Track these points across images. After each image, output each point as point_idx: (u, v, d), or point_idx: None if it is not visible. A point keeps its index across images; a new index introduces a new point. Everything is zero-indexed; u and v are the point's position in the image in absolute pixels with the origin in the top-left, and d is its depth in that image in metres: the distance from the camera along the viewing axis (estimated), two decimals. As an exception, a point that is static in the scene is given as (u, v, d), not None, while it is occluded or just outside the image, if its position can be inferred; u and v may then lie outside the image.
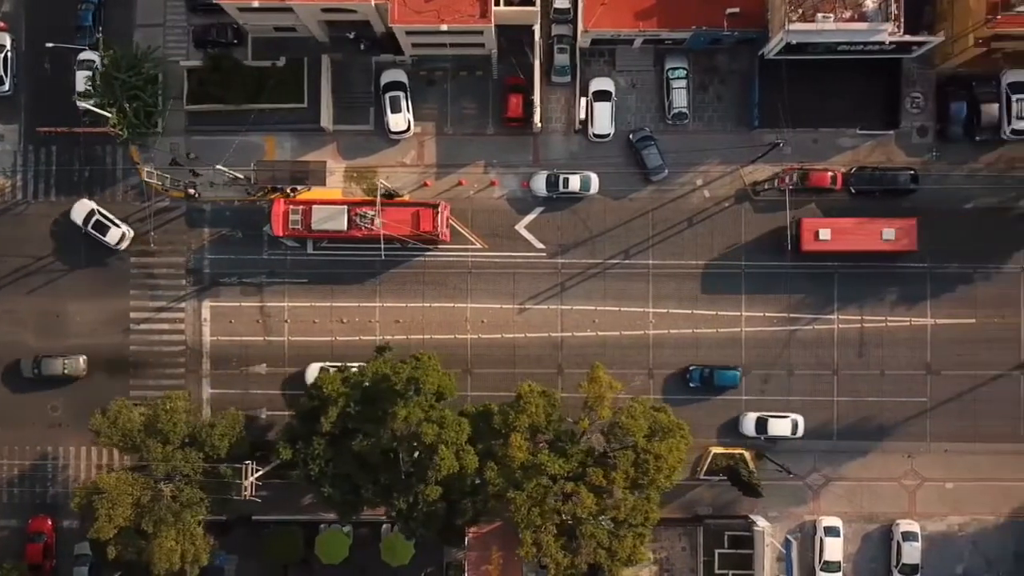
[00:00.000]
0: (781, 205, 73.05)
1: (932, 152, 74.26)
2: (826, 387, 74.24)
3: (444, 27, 65.49)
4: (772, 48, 68.84)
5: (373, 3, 65.87)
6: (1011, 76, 72.82)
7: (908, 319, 74.15)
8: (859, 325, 74.17)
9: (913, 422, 74.05)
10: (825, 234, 70.67)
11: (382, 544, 71.94)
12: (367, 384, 63.91)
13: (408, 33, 68.11)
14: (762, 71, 72.48)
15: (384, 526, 72.96)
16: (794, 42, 66.80)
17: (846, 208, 73.82)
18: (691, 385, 73.17)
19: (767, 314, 74.40)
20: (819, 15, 65.16)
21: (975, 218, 73.85)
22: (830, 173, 73.61)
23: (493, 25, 66.65)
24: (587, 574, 63.25)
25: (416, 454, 62.84)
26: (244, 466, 64.01)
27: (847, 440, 74.12)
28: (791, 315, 74.35)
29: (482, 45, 70.33)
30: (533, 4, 67.77)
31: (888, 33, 66.03)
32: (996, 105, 72.61)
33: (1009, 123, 72.45)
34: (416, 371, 62.03)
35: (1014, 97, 72.31)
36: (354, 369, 66.58)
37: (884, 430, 74.09)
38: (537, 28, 70.36)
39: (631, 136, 74.20)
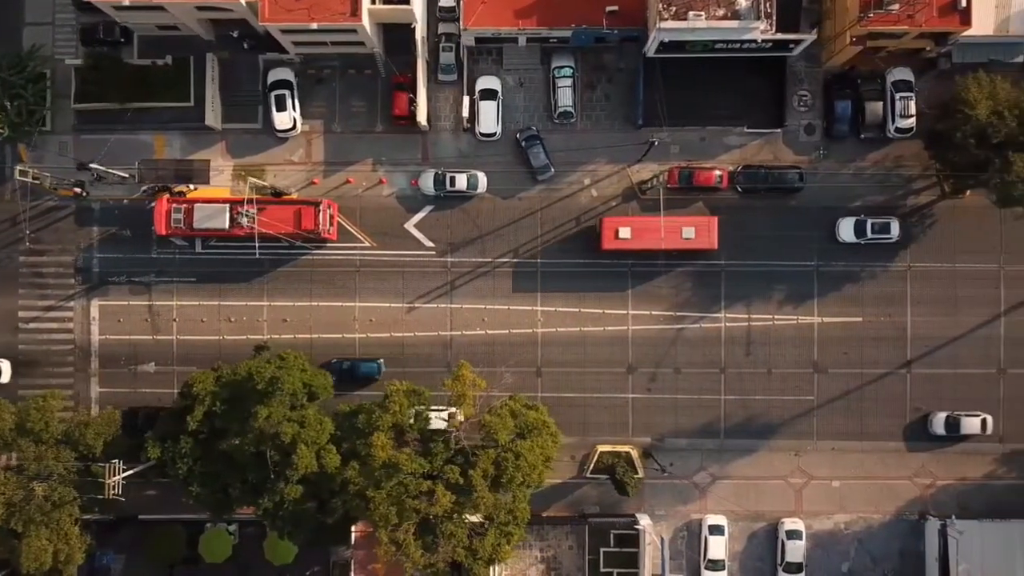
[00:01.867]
0: (667, 203, 73.16)
1: (820, 150, 74.25)
2: (713, 385, 74.26)
3: (314, 25, 65.37)
4: (650, 46, 68.80)
5: (244, 2, 65.73)
6: (895, 75, 72.83)
7: (795, 317, 74.18)
8: (746, 324, 74.19)
9: (800, 420, 74.12)
10: (625, 232, 70.76)
11: (266, 543, 71.90)
12: (239, 382, 63.75)
13: (284, 32, 67.95)
14: (648, 70, 72.36)
15: (271, 525, 72.94)
16: (666, 40, 66.82)
17: (733, 207, 73.90)
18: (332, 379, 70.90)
19: (654, 312, 74.38)
20: (691, 13, 65.08)
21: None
22: (716, 172, 73.58)
23: (367, 24, 66.55)
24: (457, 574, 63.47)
25: (291, 455, 62.72)
26: (109, 465, 63.87)
27: (734, 439, 74.18)
28: (678, 313, 74.36)
29: (363, 44, 70.15)
30: (408, 3, 67.52)
31: (760, 31, 65.97)
32: (880, 103, 72.63)
33: (893, 121, 72.41)
34: (280, 371, 61.94)
35: (898, 95, 72.29)
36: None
37: (771, 428, 74.15)
38: (418, 27, 70.18)
39: (518, 135, 74.13)
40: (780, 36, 66.61)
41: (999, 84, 66.33)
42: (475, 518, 64.12)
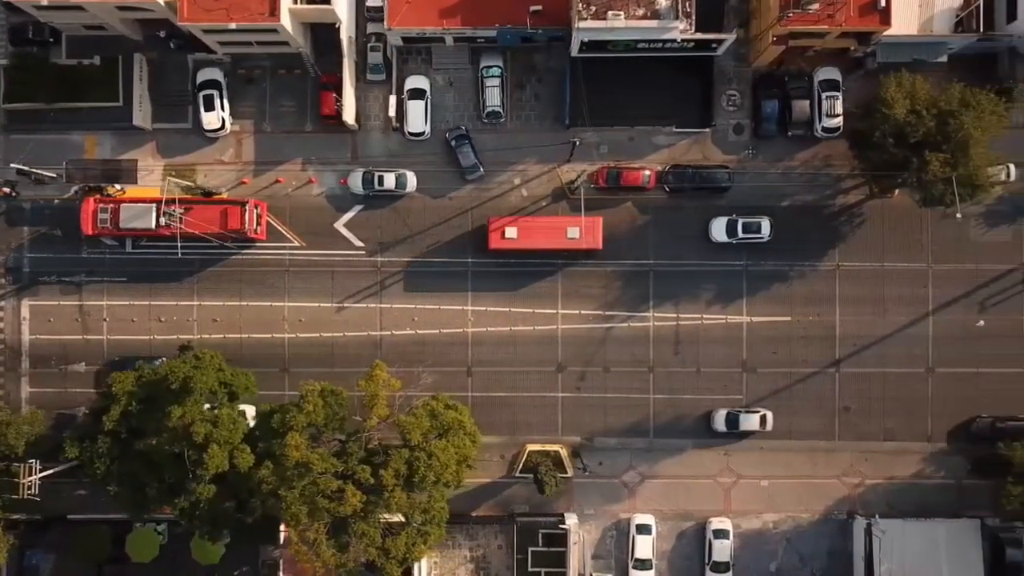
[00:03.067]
0: (597, 203, 73.56)
1: (749, 150, 74.26)
2: (642, 384, 74.26)
3: (233, 25, 65.37)
4: (573, 46, 68.80)
5: (163, 2, 65.75)
6: (822, 74, 72.89)
7: (724, 317, 74.19)
8: (675, 323, 74.19)
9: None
10: (511, 232, 71.23)
11: (193, 543, 71.86)
12: (156, 382, 63.83)
13: (206, 32, 67.93)
14: (576, 70, 72.07)
15: (199, 524, 72.87)
16: (586, 40, 66.84)
17: (661, 206, 74.04)
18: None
19: (583, 312, 74.39)
20: (610, 13, 65.08)
21: (791, 215, 73.79)
22: (645, 172, 73.56)
23: (288, 24, 66.56)
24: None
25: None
26: (24, 465, 63.93)
27: (663, 438, 74.16)
28: (607, 312, 74.37)
29: (288, 44, 70.11)
30: (328, 2, 67.53)
31: (680, 31, 65.95)
32: (807, 102, 72.63)
33: (820, 121, 72.44)
34: (195, 370, 61.99)
35: (824, 95, 72.34)
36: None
37: (700, 427, 74.08)
38: (343, 27, 70.17)
39: (447, 135, 74.15)
40: (699, 36, 66.52)
41: (918, 84, 66.33)
42: (396, 518, 64.24)
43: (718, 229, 72.23)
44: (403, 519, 63.80)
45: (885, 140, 65.60)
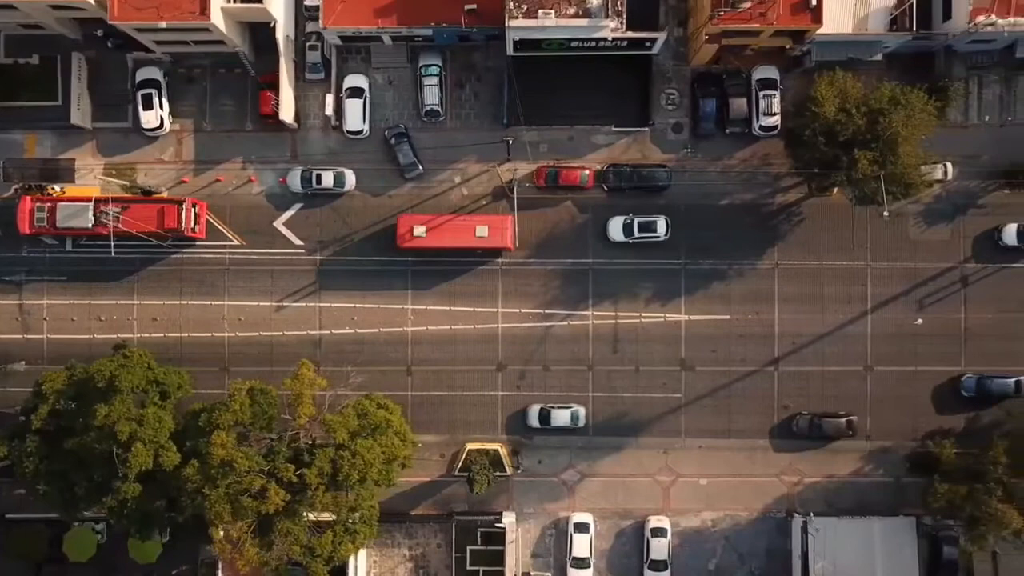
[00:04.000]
0: (537, 202, 73.84)
1: (687, 148, 74.30)
2: (582, 383, 74.28)
3: (163, 24, 65.36)
4: (508, 45, 68.82)
5: (93, 0, 65.81)
6: (760, 73, 72.95)
7: (662, 315, 74.20)
8: (613, 321, 74.22)
9: (668, 418, 74.06)
10: (420, 231, 71.36)
11: (129, 542, 71.80)
12: (85, 381, 63.84)
13: (139, 31, 67.91)
14: (515, 69, 72.10)
15: (138, 524, 72.79)
16: (517, 38, 66.88)
17: (600, 205, 74.10)
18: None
19: (523, 310, 74.42)
20: (540, 11, 65.12)
21: (730, 214, 73.87)
22: (584, 171, 73.60)
23: (220, 23, 66.57)
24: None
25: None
26: (-47, 464, 64.09)
27: (603, 436, 74.16)
28: (546, 311, 74.40)
29: (224, 43, 70.13)
30: (261, 1, 67.55)
31: (611, 30, 65.98)
32: (744, 100, 72.65)
33: (757, 119, 72.49)
34: (121, 369, 61.98)
35: (761, 94, 72.39)
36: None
37: (639, 426, 74.07)
38: (279, 25, 70.19)
39: (386, 133, 74.20)
40: (630, 34, 66.57)
41: (850, 82, 66.40)
42: (327, 516, 64.21)
43: (615, 229, 72.41)
44: (334, 518, 63.73)
45: (816, 138, 65.68)
